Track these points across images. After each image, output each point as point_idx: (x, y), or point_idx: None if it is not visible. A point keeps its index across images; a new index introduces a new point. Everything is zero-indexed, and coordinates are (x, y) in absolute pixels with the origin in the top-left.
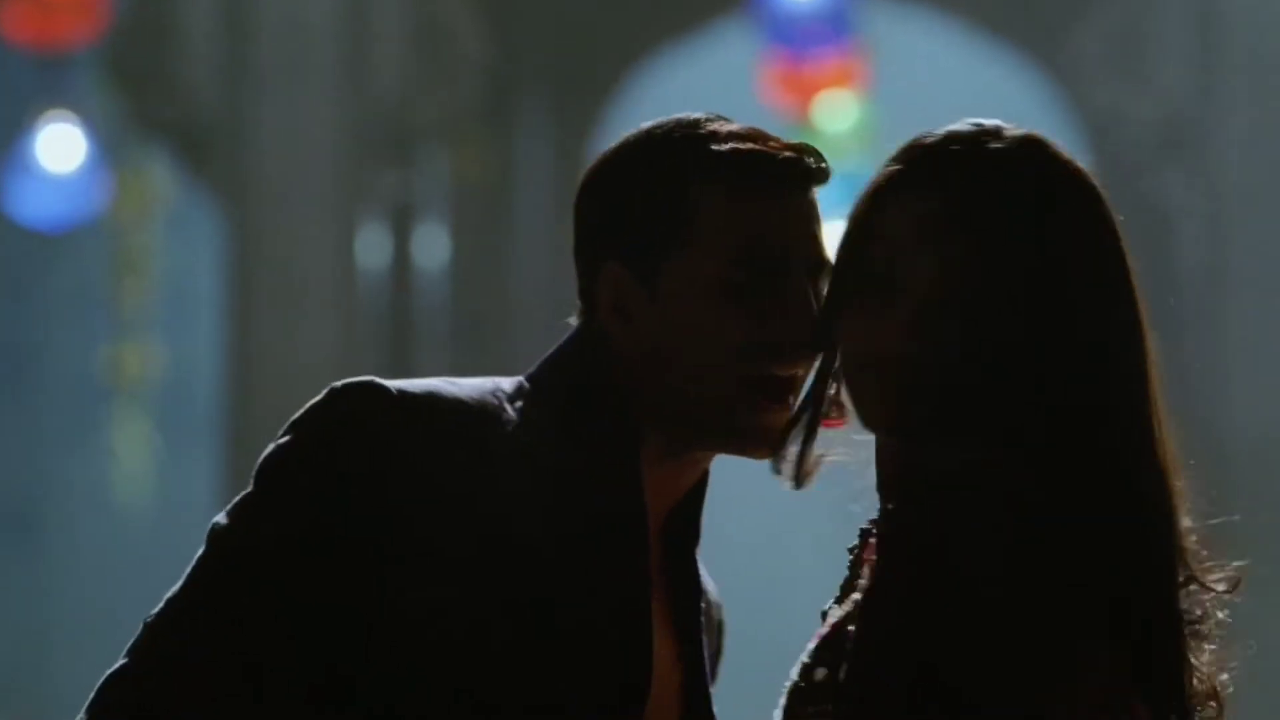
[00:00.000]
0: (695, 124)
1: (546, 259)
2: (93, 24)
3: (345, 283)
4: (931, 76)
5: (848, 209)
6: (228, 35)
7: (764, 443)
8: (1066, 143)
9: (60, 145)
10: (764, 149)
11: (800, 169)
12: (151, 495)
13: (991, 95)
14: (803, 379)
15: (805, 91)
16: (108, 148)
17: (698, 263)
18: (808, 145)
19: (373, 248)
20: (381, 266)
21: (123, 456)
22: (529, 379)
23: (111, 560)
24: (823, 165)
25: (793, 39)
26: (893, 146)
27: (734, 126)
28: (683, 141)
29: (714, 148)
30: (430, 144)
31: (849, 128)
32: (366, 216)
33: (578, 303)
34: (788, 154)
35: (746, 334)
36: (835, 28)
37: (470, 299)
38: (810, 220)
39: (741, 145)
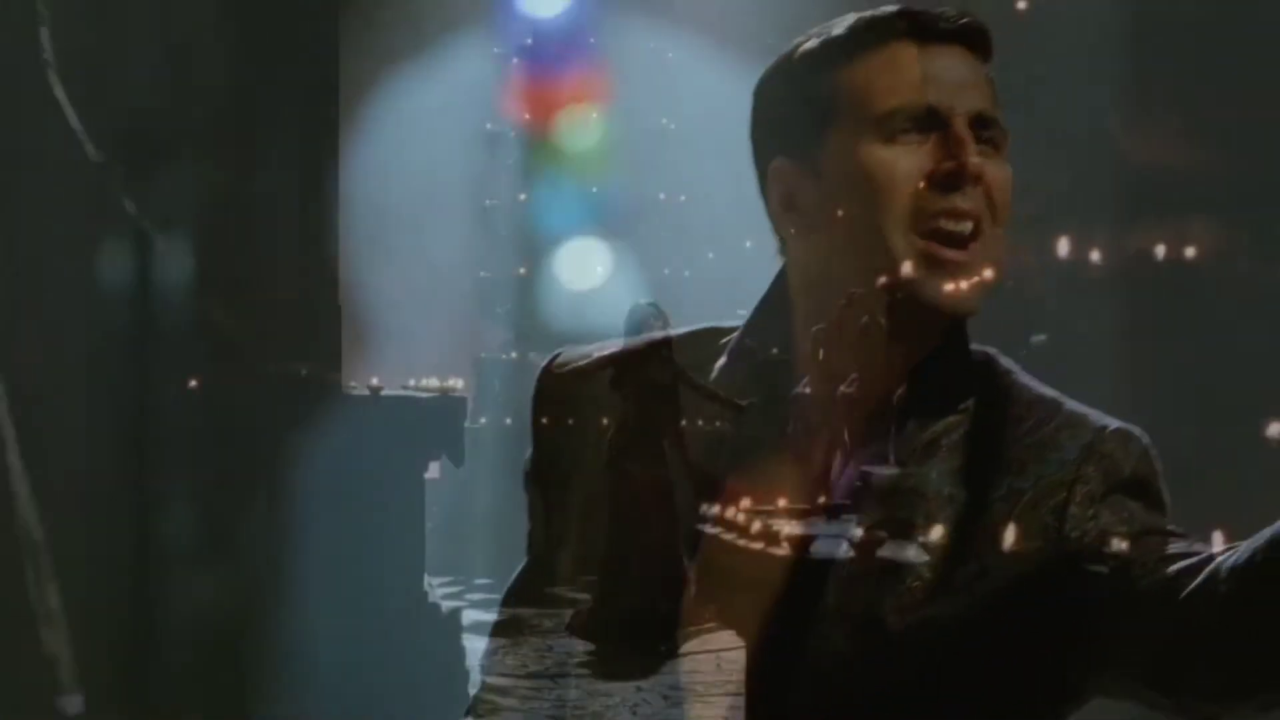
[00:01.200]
0: (834, 20)
1: (294, 274)
2: None
3: (89, 298)
4: (673, 92)
5: (592, 226)
6: None
7: (952, 287)
8: None
9: None
10: (894, 11)
11: (939, 23)
12: None
13: (739, 109)
14: (979, 233)
15: (548, 108)
16: None
17: (853, 126)
18: (949, 10)
19: (116, 264)
20: (126, 282)
21: None
22: None
23: None
24: (964, 22)
25: (534, 55)
26: (633, 162)
27: (874, 10)
28: (820, 33)
29: (845, 26)
30: (175, 160)
31: (591, 144)
32: (110, 232)
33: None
34: (921, 11)
35: (915, 174)
36: (576, 43)
37: (217, 314)
38: (963, 74)
39: (872, 13)
